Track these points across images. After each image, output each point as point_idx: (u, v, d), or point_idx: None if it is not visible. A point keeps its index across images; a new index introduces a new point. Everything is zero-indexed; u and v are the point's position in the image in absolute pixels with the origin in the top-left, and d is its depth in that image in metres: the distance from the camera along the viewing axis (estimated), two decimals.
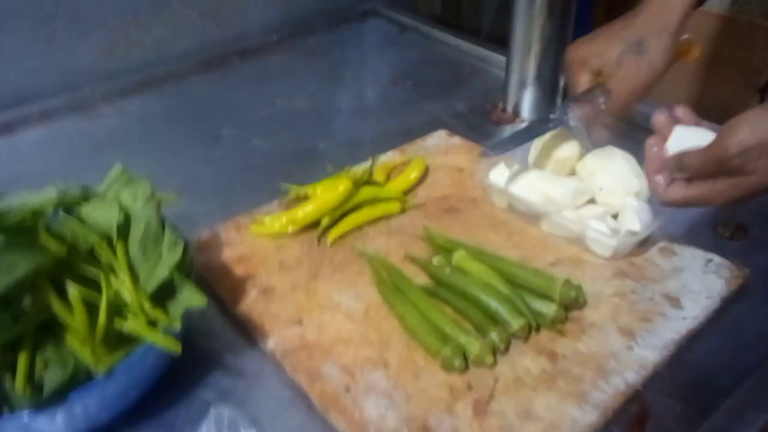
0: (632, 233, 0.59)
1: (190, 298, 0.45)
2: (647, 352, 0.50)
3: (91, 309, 0.44)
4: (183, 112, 0.92)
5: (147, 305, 0.45)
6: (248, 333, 0.54)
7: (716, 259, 0.59)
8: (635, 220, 0.59)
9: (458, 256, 0.57)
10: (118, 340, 0.44)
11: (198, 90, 0.97)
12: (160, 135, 0.86)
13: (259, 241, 0.63)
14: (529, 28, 0.84)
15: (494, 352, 0.50)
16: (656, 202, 0.60)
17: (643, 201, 0.61)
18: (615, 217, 0.62)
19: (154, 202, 0.51)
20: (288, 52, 1.08)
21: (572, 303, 0.53)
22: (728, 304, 0.55)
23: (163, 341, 0.43)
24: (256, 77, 1.01)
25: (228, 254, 0.62)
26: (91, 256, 0.47)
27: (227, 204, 0.69)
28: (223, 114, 0.91)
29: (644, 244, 0.61)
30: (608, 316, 0.54)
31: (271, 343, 0.52)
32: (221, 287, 0.58)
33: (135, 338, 0.45)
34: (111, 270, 0.47)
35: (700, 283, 0.57)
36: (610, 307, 0.55)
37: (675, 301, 0.55)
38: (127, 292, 0.45)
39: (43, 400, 0.41)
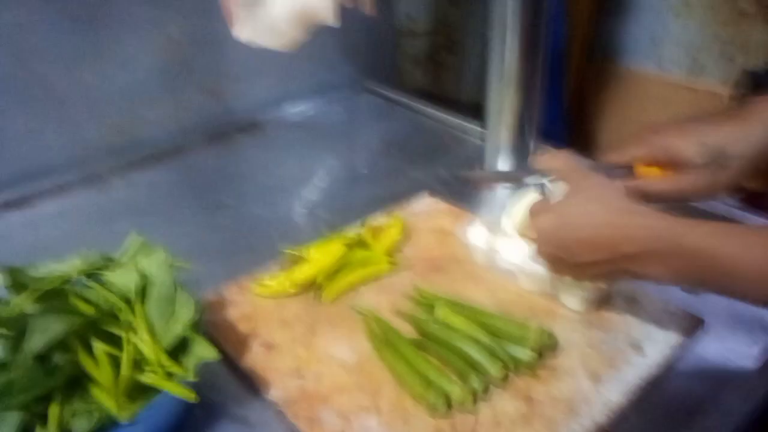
0: (599, 288, 0.65)
1: (203, 351, 0.51)
2: (613, 394, 0.56)
3: (114, 363, 0.50)
4: (187, 184, 0.99)
5: (164, 359, 0.50)
6: (252, 385, 0.59)
7: (673, 307, 0.65)
8: None
9: (441, 310, 0.63)
10: (138, 392, 0.49)
11: (201, 163, 1.05)
12: (166, 205, 0.93)
13: (261, 300, 0.69)
14: (500, 101, 0.93)
15: (474, 396, 0.55)
16: None
17: None
18: None
19: (169, 266, 0.57)
20: (284, 126, 1.17)
21: (545, 349, 0.59)
22: (685, 349, 0.61)
23: (180, 391, 0.48)
24: (255, 149, 1.09)
25: (232, 313, 0.67)
26: (114, 316, 0.53)
27: (229, 267, 0.75)
28: (224, 184, 0.98)
29: (610, 295, 0.67)
30: (578, 362, 0.60)
31: (274, 394, 0.57)
32: (226, 343, 0.63)
33: (153, 389, 0.50)
34: (131, 328, 0.52)
35: (660, 331, 0.63)
36: (579, 353, 0.61)
37: (638, 348, 0.61)
38: (146, 348, 0.51)
39: None
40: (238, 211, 0.91)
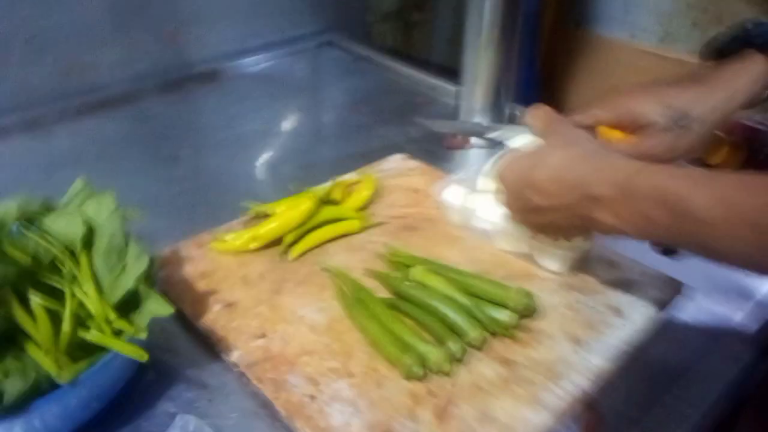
0: (577, 248, 0.63)
1: (156, 307, 0.46)
2: (594, 358, 0.53)
3: (55, 320, 0.44)
4: (139, 134, 0.92)
5: (112, 315, 0.45)
6: (211, 347, 0.54)
7: (653, 271, 0.63)
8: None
9: (416, 269, 0.59)
10: (81, 351, 0.44)
11: (155, 112, 0.97)
12: (116, 155, 0.86)
13: (221, 257, 0.64)
14: (477, 61, 0.89)
15: (452, 360, 0.52)
16: None
17: None
18: None
19: (119, 215, 0.51)
20: (244, 77, 1.10)
21: (525, 310, 0.56)
22: (666, 313, 0.59)
23: (129, 350, 0.43)
24: (212, 100, 1.02)
25: (189, 270, 0.62)
26: (54, 268, 0.47)
27: (187, 222, 0.70)
28: (180, 136, 0.92)
29: (588, 258, 0.65)
30: (558, 325, 0.57)
31: (236, 356, 0.53)
32: (183, 302, 0.58)
33: (98, 349, 0.45)
34: (75, 281, 0.46)
35: (641, 294, 0.61)
36: (559, 316, 0.58)
37: (619, 312, 0.59)
38: (91, 303, 0.45)
39: (2, 410, 0.41)
40: (194, 164, 0.85)
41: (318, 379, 0.51)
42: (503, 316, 0.55)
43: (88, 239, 0.49)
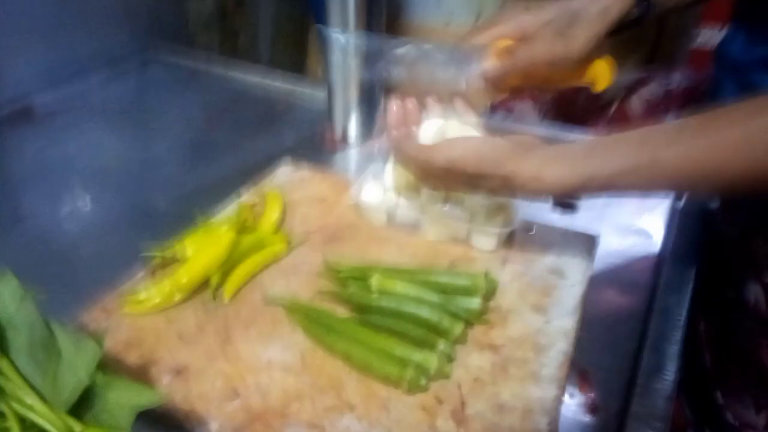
0: (507, 225, 0.65)
1: (135, 396, 0.37)
2: (562, 321, 0.56)
3: None
4: None
5: (76, 426, 0.35)
6: (178, 426, 0.46)
7: (569, 231, 0.68)
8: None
9: (376, 279, 0.56)
10: None
11: None
12: None
13: (142, 320, 0.54)
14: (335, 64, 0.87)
15: (449, 360, 0.50)
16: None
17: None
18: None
19: (30, 300, 0.40)
20: (66, 112, 0.94)
21: (490, 293, 0.57)
22: (593, 262, 0.64)
23: None
24: (44, 140, 0.86)
25: (110, 344, 0.51)
26: None
27: (75, 288, 0.58)
28: (16, 186, 0.75)
29: (511, 232, 0.67)
30: (518, 299, 0.58)
31: (215, 427, 0.45)
32: None
33: None
34: (5, 396, 0.35)
35: (567, 252, 0.65)
36: (514, 291, 0.59)
37: (559, 273, 0.62)
38: (41, 416, 0.35)
39: None
40: (52, 218, 0.70)
41: (320, 422, 0.45)
42: (474, 304, 0.55)
43: (1, 340, 0.38)
